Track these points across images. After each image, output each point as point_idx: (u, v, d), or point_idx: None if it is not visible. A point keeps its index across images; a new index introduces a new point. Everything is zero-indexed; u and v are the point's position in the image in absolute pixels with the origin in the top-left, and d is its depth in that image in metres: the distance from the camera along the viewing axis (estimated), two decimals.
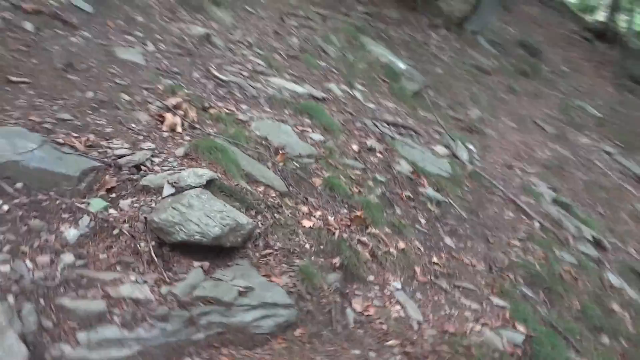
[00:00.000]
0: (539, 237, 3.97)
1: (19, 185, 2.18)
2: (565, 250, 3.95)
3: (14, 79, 2.96)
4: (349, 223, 2.88)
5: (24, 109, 2.72)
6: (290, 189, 2.95)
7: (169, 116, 3.05)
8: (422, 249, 3.09)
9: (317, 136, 3.71)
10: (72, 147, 2.46)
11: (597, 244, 4.42)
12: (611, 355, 2.99)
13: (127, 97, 3.16)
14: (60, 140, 2.49)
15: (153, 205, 2.25)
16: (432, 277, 2.84)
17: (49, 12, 3.87)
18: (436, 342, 2.32)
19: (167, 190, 2.33)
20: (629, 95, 11.93)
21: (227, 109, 3.56)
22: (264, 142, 3.28)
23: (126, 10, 4.62)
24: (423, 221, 3.45)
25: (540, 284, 3.29)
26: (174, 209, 2.15)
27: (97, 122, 2.81)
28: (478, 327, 2.51)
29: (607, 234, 4.91)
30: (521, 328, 2.63)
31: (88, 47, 3.65)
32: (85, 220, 2.10)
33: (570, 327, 2.99)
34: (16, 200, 2.11)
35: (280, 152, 3.22)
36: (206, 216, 2.17)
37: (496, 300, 2.84)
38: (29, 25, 3.58)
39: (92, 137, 2.64)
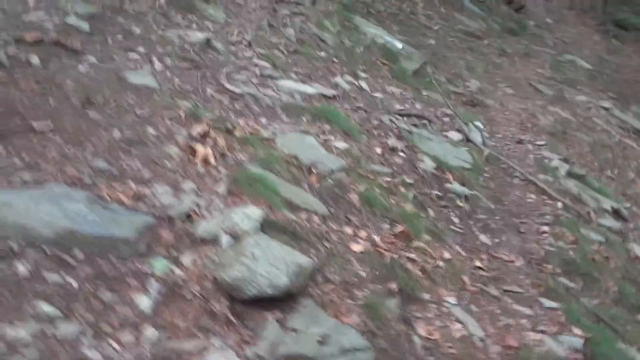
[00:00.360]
0: (564, 218, 4.05)
1: (78, 254, 2.16)
2: (590, 228, 4.05)
3: (38, 125, 2.88)
4: (394, 240, 2.92)
5: (56, 161, 2.66)
6: (331, 210, 2.97)
7: (199, 148, 3.01)
8: (463, 253, 3.15)
9: (341, 144, 3.69)
10: (120, 202, 2.43)
11: (616, 214, 4.53)
12: None
13: (152, 131, 3.11)
14: (105, 196, 2.45)
15: (215, 259, 2.25)
16: (481, 285, 2.90)
17: (49, 40, 3.75)
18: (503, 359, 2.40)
19: (225, 240, 2.32)
20: (614, 41, 11.98)
21: (250, 127, 3.51)
22: (294, 160, 3.27)
23: (121, 23, 4.50)
24: (456, 220, 3.50)
25: (576, 272, 3.39)
26: (239, 263, 2.15)
27: (133, 165, 2.76)
28: (538, 337, 2.59)
29: (622, 199, 5.02)
30: (577, 331, 2.72)
31: (98, 75, 3.55)
32: (154, 285, 2.10)
33: (614, 314, 3.10)
34: (81, 273, 2.09)
35: (313, 170, 3.21)
36: (271, 266, 2.18)
37: (546, 302, 2.92)
38: (35, 59, 3.48)
39: (133, 185, 2.60)
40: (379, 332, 2.29)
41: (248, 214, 2.47)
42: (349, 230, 2.86)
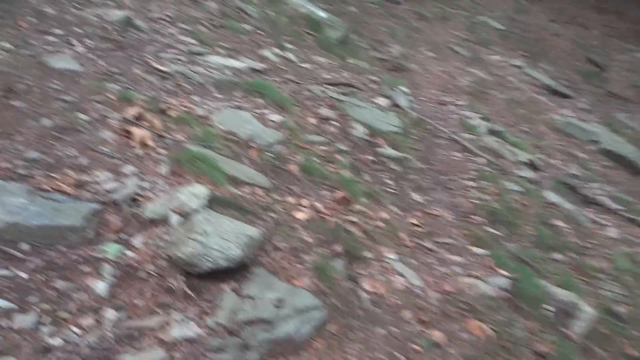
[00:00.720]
0: (486, 172, 4.38)
1: (25, 247, 2.14)
2: (510, 180, 4.40)
3: None
4: (335, 206, 3.07)
5: None
6: (273, 182, 3.07)
7: (135, 130, 2.99)
8: (399, 213, 3.36)
9: (276, 116, 3.77)
10: (61, 191, 2.41)
11: (531, 165, 4.93)
12: (567, 271, 3.50)
13: (84, 117, 3.04)
14: (45, 187, 2.42)
15: (167, 238, 2.30)
16: (417, 240, 3.13)
17: None
18: (443, 305, 2.64)
19: (175, 219, 2.38)
20: (522, 1, 12.60)
21: (184, 106, 3.51)
22: (232, 137, 3.32)
23: (31, 3, 4.27)
24: (390, 182, 3.70)
25: (500, 220, 3.71)
26: (191, 240, 2.22)
27: (68, 154, 2.72)
28: (470, 281, 2.86)
29: (536, 151, 5.46)
30: (504, 272, 3.03)
31: (17, 62, 3.40)
32: (107, 269, 2.13)
33: (532, 254, 3.45)
34: (30, 265, 2.09)
35: (252, 145, 3.28)
36: (223, 239, 2.27)
37: (476, 250, 3.20)
38: None
39: (72, 173, 2.57)
40: (329, 291, 2.45)
41: (194, 192, 2.53)
42: (291, 199, 2.98)
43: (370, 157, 3.83)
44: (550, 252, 3.66)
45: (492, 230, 3.56)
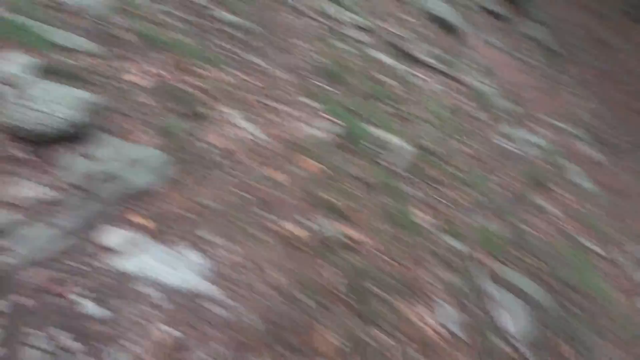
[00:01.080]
0: (324, 35, 4.64)
1: None
2: (344, 42, 4.73)
3: None
4: (175, 70, 3.13)
5: None
6: (112, 50, 3.01)
7: None
8: (240, 75, 3.52)
9: None
10: None
11: (364, 28, 5.30)
12: (391, 118, 4.03)
13: None
14: None
15: (1, 111, 2.25)
16: (258, 98, 3.36)
17: None
18: (284, 152, 2.95)
19: (4, 90, 2.30)
20: None
21: None
22: (58, 6, 3.12)
23: None
24: (229, 47, 3.80)
25: (334, 78, 4.06)
26: (29, 109, 2.20)
27: None
28: (308, 129, 3.20)
29: (371, 17, 5.82)
30: (336, 120, 3.41)
31: None
32: None
33: (362, 105, 3.89)
34: None
35: (81, 14, 3.13)
36: (58, 104, 2.27)
37: (312, 104, 3.53)
38: None
39: None
40: (177, 147, 2.62)
41: (21, 62, 2.44)
42: (130, 66, 2.98)
43: (208, 23, 3.86)
44: (378, 103, 4.15)
45: (326, 87, 3.91)
